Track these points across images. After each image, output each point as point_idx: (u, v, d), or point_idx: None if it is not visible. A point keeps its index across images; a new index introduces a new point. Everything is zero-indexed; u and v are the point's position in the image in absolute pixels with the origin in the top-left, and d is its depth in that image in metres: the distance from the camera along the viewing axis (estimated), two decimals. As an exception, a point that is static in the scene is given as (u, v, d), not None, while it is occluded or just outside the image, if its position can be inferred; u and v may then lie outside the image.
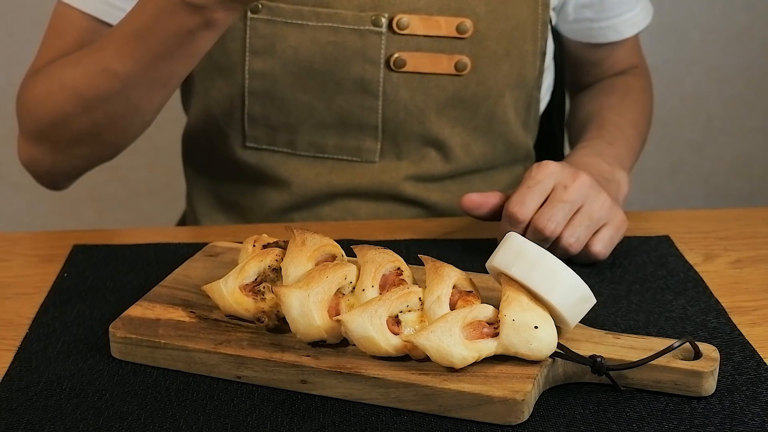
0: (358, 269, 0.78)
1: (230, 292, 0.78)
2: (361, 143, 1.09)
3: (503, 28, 1.07)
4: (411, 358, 0.73)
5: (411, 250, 0.94)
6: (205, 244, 0.94)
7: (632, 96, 1.21)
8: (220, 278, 0.80)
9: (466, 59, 1.06)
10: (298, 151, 1.10)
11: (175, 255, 0.95)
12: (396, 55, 1.05)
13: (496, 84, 1.09)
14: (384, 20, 1.04)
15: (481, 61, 1.07)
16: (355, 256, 0.80)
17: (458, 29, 1.05)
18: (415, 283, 0.78)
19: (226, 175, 1.15)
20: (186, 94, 1.18)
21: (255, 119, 1.09)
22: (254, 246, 0.83)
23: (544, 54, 1.11)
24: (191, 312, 0.81)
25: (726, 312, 0.85)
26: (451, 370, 0.72)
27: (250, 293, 0.78)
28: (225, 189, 1.16)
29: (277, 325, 0.77)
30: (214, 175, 1.17)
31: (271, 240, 0.84)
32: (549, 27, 1.11)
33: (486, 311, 0.74)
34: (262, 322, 0.77)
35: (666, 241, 0.99)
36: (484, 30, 1.06)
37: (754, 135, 2.31)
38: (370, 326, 0.72)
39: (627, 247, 0.98)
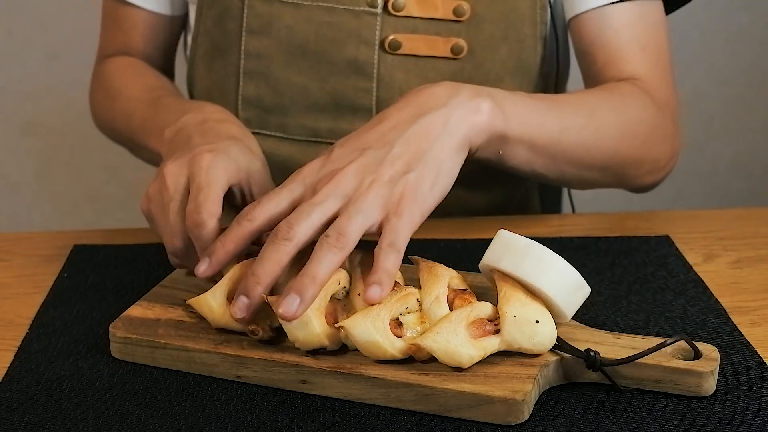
0: (349, 273, 0.77)
1: (220, 304, 0.77)
2: (354, 126, 1.07)
3: (501, 11, 1.05)
4: (413, 359, 0.73)
5: (410, 250, 0.94)
6: (205, 244, 0.94)
7: (608, 90, 1.01)
8: (217, 281, 0.79)
9: (462, 42, 1.05)
10: (291, 135, 1.10)
11: (175, 255, 0.95)
12: (391, 37, 1.05)
13: (494, 68, 1.07)
14: (380, 1, 1.04)
15: (478, 45, 1.06)
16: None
17: (455, 12, 1.04)
18: (407, 283, 0.78)
19: None
20: (191, 79, 1.17)
21: (248, 101, 1.09)
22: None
23: (545, 39, 1.09)
24: (191, 312, 0.81)
25: (726, 312, 0.85)
26: (452, 370, 0.72)
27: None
28: None
29: (272, 337, 0.76)
30: None
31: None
32: (549, 10, 1.08)
33: (486, 309, 0.74)
34: (257, 335, 0.76)
35: (666, 241, 0.99)
36: (481, 13, 1.05)
37: (754, 135, 2.31)
38: (374, 330, 0.72)
39: (627, 247, 0.98)
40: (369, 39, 1.05)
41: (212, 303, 0.77)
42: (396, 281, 0.77)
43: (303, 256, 0.76)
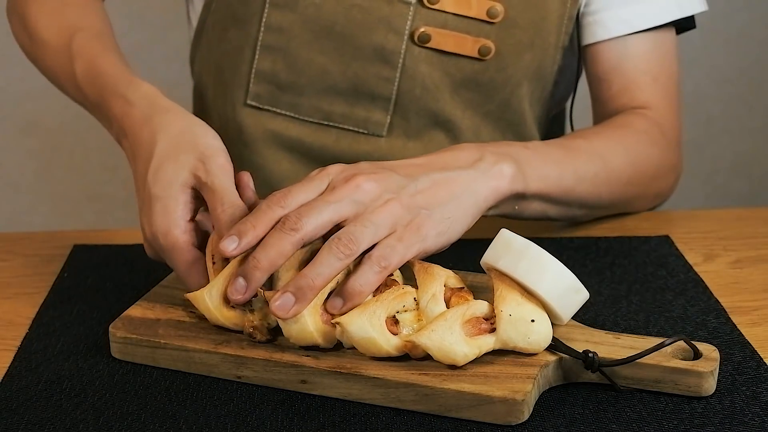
0: (347, 271, 0.77)
1: (215, 306, 0.77)
2: (370, 114, 1.07)
3: (532, 17, 1.05)
4: (410, 357, 0.73)
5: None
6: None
7: (620, 128, 1.03)
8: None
9: (490, 44, 1.04)
10: (302, 115, 1.08)
11: (175, 255, 0.94)
12: (422, 29, 1.03)
13: (516, 73, 1.07)
14: None
15: (505, 48, 1.05)
16: None
17: (489, 13, 1.03)
18: (405, 282, 0.78)
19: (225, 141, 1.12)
20: (196, 47, 1.16)
21: (262, 75, 1.07)
22: (214, 264, 0.80)
23: (564, 48, 1.08)
24: (191, 312, 0.81)
25: (726, 312, 0.85)
26: (452, 368, 0.72)
27: (238, 305, 0.77)
28: None
29: (269, 339, 0.76)
30: None
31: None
32: (574, 23, 1.08)
33: (482, 307, 0.74)
34: (254, 338, 0.76)
35: (666, 241, 0.99)
36: (514, 17, 1.04)
37: (754, 135, 2.31)
38: (370, 327, 0.72)
39: (627, 247, 0.98)
40: (399, 28, 1.04)
41: (208, 299, 0.77)
42: (394, 280, 0.77)
43: (308, 255, 0.76)
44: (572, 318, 0.78)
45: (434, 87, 1.06)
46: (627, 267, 0.94)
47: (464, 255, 0.94)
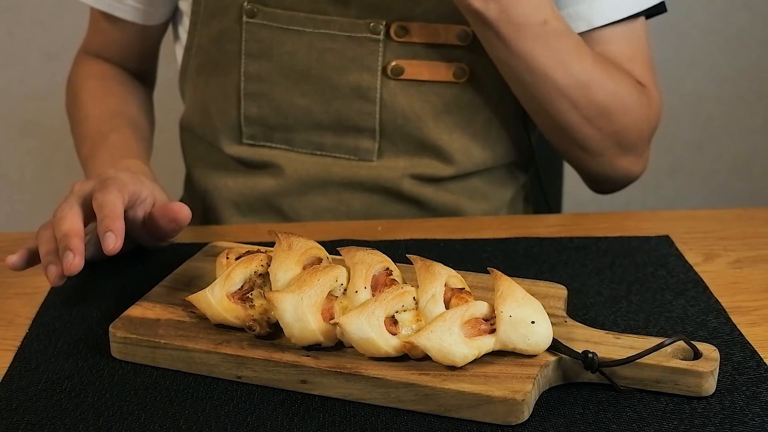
0: (347, 271, 0.77)
1: (218, 300, 0.77)
2: (359, 143, 1.09)
3: None
4: (409, 357, 0.73)
5: (411, 250, 0.94)
6: (205, 244, 0.94)
7: (615, 66, 1.06)
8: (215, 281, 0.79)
9: (465, 66, 1.05)
10: (296, 147, 1.10)
11: (175, 255, 0.95)
12: (393, 63, 1.04)
13: (495, 90, 1.07)
14: (382, 28, 1.03)
15: (480, 68, 1.05)
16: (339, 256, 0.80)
17: (458, 37, 1.04)
18: (405, 282, 0.78)
19: (220, 164, 1.14)
20: (184, 84, 1.17)
21: (251, 119, 1.09)
22: (227, 258, 0.81)
23: None
24: (191, 312, 0.81)
25: (726, 312, 0.85)
26: (451, 369, 0.72)
27: (239, 301, 0.78)
28: (218, 174, 1.15)
29: (269, 332, 0.77)
30: (208, 163, 1.16)
31: (245, 249, 0.83)
32: None
33: (482, 308, 0.74)
34: (253, 330, 0.76)
35: (666, 241, 0.99)
36: None
37: (754, 135, 2.32)
38: (368, 328, 0.72)
39: (627, 247, 0.98)
40: (371, 65, 1.05)
41: (211, 299, 0.78)
42: (394, 279, 0.77)
43: (305, 258, 0.78)
44: (572, 318, 0.78)
45: (415, 116, 1.07)
46: (627, 267, 0.94)
47: (464, 255, 0.94)
